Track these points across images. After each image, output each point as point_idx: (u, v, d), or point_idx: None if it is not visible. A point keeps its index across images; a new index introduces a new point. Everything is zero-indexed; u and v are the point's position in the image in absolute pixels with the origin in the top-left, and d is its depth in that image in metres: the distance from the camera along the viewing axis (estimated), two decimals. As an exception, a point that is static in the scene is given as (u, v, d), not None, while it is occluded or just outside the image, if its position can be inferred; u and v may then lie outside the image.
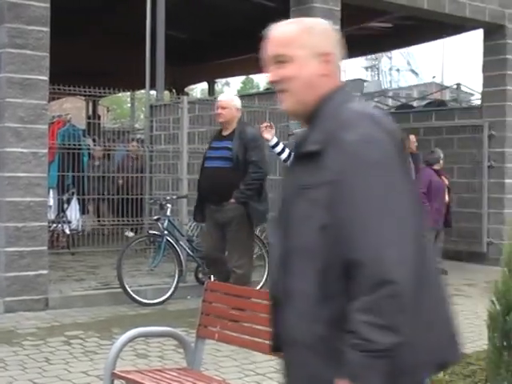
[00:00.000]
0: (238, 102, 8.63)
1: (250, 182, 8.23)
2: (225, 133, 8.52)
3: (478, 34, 14.80)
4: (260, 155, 8.33)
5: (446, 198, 12.71)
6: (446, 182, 12.85)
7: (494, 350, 5.25)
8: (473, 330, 8.30)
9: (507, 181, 14.13)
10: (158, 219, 10.22)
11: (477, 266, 13.59)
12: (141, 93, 27.55)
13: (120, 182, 13.70)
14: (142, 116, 30.58)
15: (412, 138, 13.48)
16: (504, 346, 5.20)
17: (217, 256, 8.65)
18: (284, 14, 12.21)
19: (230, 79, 65.79)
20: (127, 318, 8.88)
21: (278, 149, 8.83)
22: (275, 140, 8.83)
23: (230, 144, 8.30)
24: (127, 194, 12.79)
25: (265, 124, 8.89)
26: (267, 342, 4.56)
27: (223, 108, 8.46)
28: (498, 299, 5.20)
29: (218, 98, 9.03)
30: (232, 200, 8.22)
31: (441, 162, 12.68)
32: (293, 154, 2.68)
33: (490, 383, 5.32)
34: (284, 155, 8.81)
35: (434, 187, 12.41)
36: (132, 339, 4.97)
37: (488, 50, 14.52)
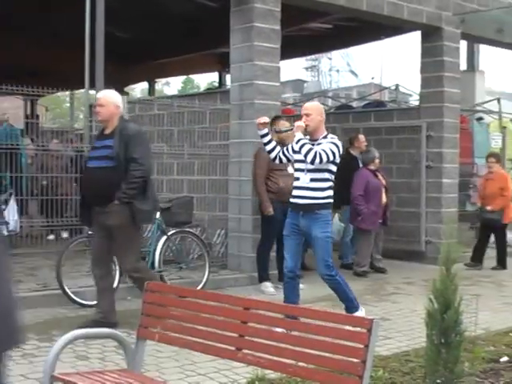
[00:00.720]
0: (116, 99, 8.21)
1: (131, 181, 7.86)
2: (106, 131, 8.20)
3: (416, 36, 14.98)
4: (142, 152, 7.95)
5: (384, 198, 12.83)
6: (384, 181, 12.98)
7: (432, 347, 5.33)
8: (412, 328, 8.41)
9: (445, 180, 14.33)
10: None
11: (415, 265, 13.75)
12: (80, 92, 27.29)
13: (44, 182, 13.47)
14: (81, 116, 30.31)
15: (361, 137, 13.59)
16: (442, 343, 5.28)
17: (103, 260, 8.36)
18: (225, 15, 12.25)
19: (170, 79, 65.60)
20: (67, 319, 8.79)
21: (265, 139, 8.47)
22: (265, 131, 8.46)
23: (111, 142, 7.95)
24: (52, 195, 12.54)
25: (262, 120, 8.51)
26: (208, 342, 4.58)
27: (101, 106, 8.13)
28: (435, 297, 5.29)
29: (97, 96, 8.72)
30: (115, 201, 7.87)
31: (376, 161, 12.80)
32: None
33: (429, 380, 5.40)
34: (269, 147, 8.54)
35: (371, 188, 12.53)
36: (72, 341, 4.91)
37: (425, 52, 14.70)
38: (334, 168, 8.22)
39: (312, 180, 8.08)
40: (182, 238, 11.06)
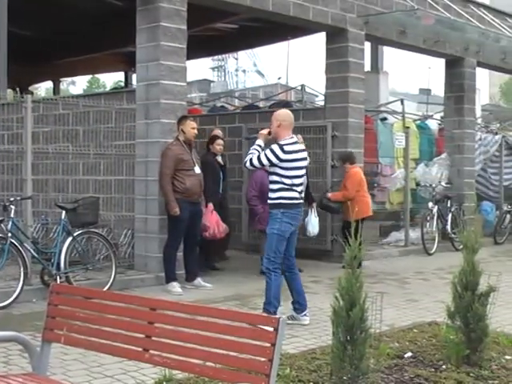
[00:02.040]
0: None
1: None
2: None
3: (322, 37, 15.13)
4: None
5: None
6: None
7: (338, 344, 5.40)
8: (318, 326, 8.50)
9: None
10: (1, 221, 9.94)
11: (322, 264, 13.91)
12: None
13: None
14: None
15: (299, 137, 13.63)
16: (348, 341, 5.36)
17: None
18: (131, 14, 12.14)
19: (76, 78, 64.79)
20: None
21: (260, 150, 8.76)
22: (262, 142, 8.87)
23: None
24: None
25: (267, 130, 8.95)
26: (115, 343, 4.54)
27: None
28: (341, 295, 5.37)
29: None
30: None
31: None
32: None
33: (335, 377, 5.47)
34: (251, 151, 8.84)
35: (266, 189, 12.54)
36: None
37: (330, 53, 14.88)
38: (281, 171, 8.60)
39: (270, 182, 8.78)
40: (88, 239, 10.95)
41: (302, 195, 9.08)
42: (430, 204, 16.77)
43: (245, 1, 12.65)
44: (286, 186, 8.63)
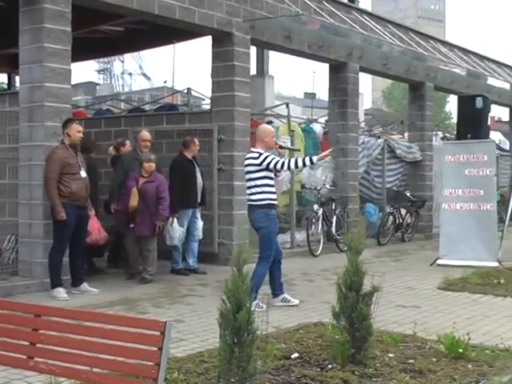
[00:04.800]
0: None
1: None
2: None
3: (208, 41, 15.19)
4: None
5: (134, 201, 12.50)
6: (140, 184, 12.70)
7: (226, 346, 5.43)
8: (206, 329, 8.52)
9: (236, 183, 14.61)
10: None
11: (209, 266, 13.91)
12: None
13: None
14: None
15: (196, 141, 13.60)
16: (235, 343, 5.40)
17: None
18: (14, 15, 11.86)
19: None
20: None
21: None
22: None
23: None
24: None
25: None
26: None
27: None
28: (228, 298, 5.40)
29: None
30: None
31: (145, 164, 12.44)
32: None
33: (223, 379, 5.50)
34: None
35: (124, 191, 12.45)
36: None
37: (216, 57, 14.93)
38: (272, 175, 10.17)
39: (264, 185, 9.99)
40: (-30, 245, 10.68)
41: None
42: (316, 206, 17.01)
43: (130, 3, 12.57)
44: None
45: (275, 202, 10.15)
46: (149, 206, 12.15)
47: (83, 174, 10.92)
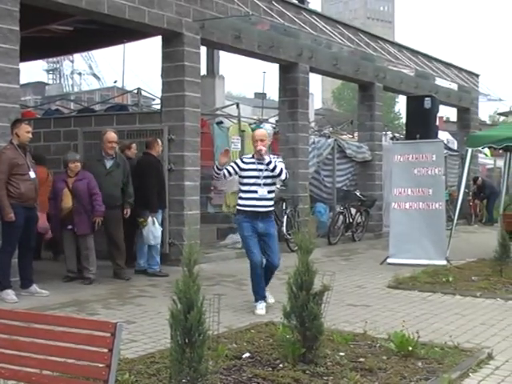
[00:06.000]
0: None
1: None
2: None
3: (158, 41, 15.12)
4: None
5: (68, 202, 12.33)
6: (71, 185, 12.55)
7: (177, 347, 5.43)
8: (157, 330, 8.50)
9: (187, 183, 14.59)
10: None
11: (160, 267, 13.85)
12: None
13: None
14: None
15: (159, 141, 13.64)
16: (186, 343, 5.40)
17: None
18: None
19: None
20: None
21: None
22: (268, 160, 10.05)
23: None
24: None
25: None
26: None
27: None
28: (179, 298, 5.39)
29: None
30: None
31: (70, 165, 12.33)
32: None
33: (174, 380, 5.49)
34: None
35: (55, 192, 12.40)
36: None
37: (167, 57, 14.89)
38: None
39: (269, 192, 10.07)
40: None
41: None
42: (266, 206, 17.01)
43: (80, 3, 12.48)
44: None
45: (243, 208, 10.20)
46: (84, 204, 12.15)
47: (32, 174, 10.81)
